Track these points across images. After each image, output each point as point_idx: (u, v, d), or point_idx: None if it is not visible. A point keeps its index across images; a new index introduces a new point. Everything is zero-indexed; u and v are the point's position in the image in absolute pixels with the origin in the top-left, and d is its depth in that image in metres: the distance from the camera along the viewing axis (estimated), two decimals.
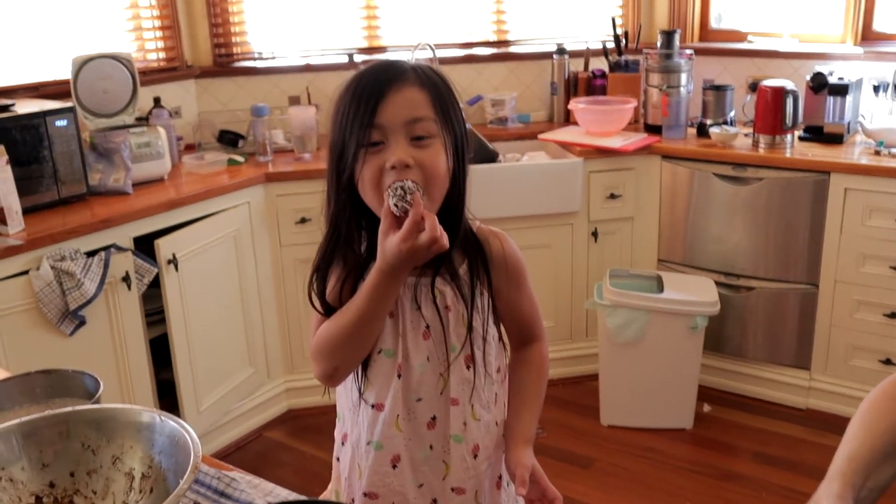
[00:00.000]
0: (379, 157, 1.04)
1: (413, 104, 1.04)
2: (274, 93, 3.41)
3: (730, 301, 3.02)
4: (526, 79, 3.62)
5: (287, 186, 2.89)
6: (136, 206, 2.50)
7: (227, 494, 1.16)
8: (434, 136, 1.05)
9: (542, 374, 1.24)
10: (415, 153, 1.03)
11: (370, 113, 1.03)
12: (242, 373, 2.92)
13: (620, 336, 2.82)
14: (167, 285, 2.53)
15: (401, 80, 1.05)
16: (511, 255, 1.18)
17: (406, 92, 1.04)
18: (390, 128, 1.03)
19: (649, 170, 3.11)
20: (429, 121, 1.05)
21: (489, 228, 1.19)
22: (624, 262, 3.20)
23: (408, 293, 1.13)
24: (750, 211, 2.93)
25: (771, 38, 3.45)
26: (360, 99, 1.05)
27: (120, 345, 2.44)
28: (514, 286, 1.18)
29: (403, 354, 1.14)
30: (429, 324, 1.13)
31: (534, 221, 3.09)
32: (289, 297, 3.02)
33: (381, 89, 1.04)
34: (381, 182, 1.04)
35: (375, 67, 1.08)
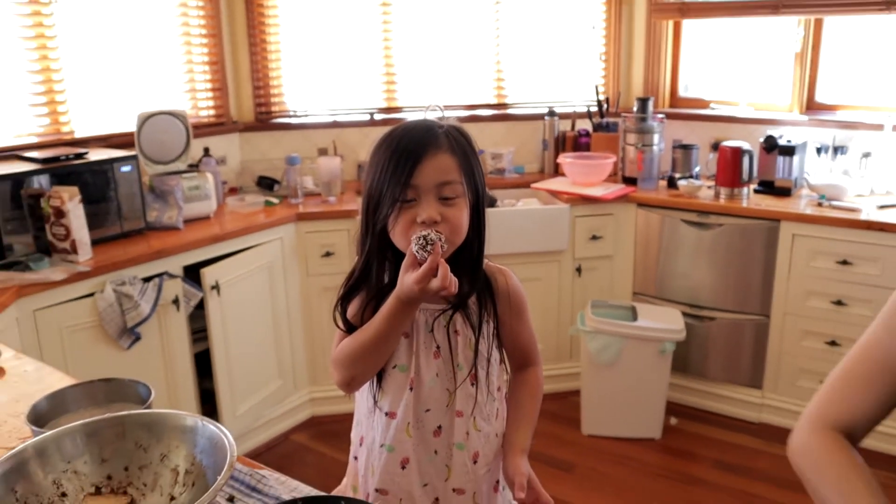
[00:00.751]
0: (411, 211, 1.05)
1: (444, 169, 1.04)
2: (305, 145, 3.43)
3: (694, 329, 3.01)
4: (522, 136, 3.63)
5: (314, 225, 2.90)
6: (186, 239, 2.52)
7: (258, 489, 1.15)
8: (459, 196, 1.06)
9: (537, 394, 1.24)
10: (442, 210, 1.04)
11: (407, 174, 1.03)
12: (273, 384, 2.91)
13: (600, 358, 2.82)
14: (210, 308, 2.53)
15: (435, 146, 1.05)
16: (514, 290, 1.17)
17: (439, 158, 1.05)
18: (423, 188, 1.04)
19: (626, 215, 3.11)
20: (456, 184, 1.05)
21: (496, 266, 1.19)
22: (604, 294, 3.19)
23: (423, 317, 1.14)
24: (712, 252, 2.94)
25: (730, 105, 3.46)
26: (399, 159, 1.04)
27: (169, 358, 2.44)
28: (515, 317, 1.18)
29: (416, 370, 1.14)
30: (439, 345, 1.13)
31: (526, 258, 3.09)
32: (314, 320, 3.01)
33: (418, 153, 1.04)
34: (410, 231, 1.05)
35: (413, 130, 1.08)
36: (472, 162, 1.08)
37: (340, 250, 2.93)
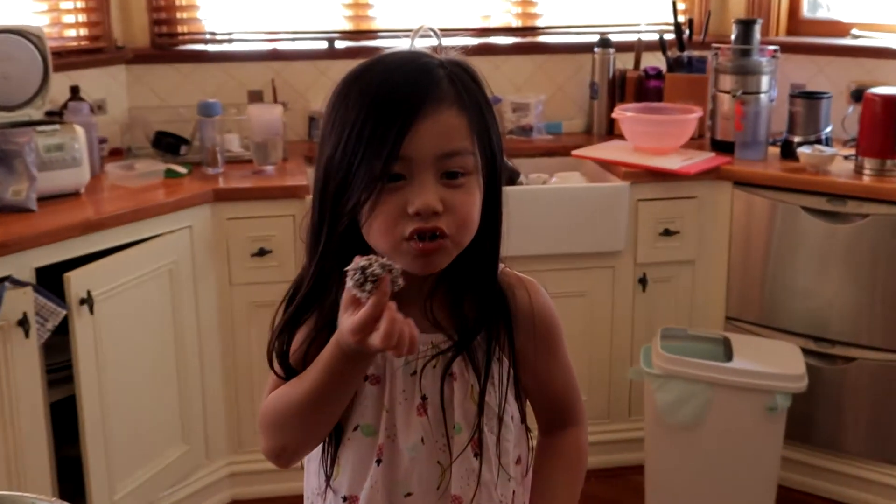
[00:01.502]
0: (399, 195, 1.05)
1: (450, 133, 1.06)
2: (229, 86, 3.41)
3: (821, 375, 2.99)
4: (558, 77, 3.62)
5: (242, 208, 2.90)
6: (41, 227, 2.49)
7: None
8: (470, 172, 1.07)
9: (577, 469, 1.26)
10: (446, 195, 1.05)
11: (394, 142, 1.03)
12: (173, 451, 2.89)
13: (673, 416, 2.80)
14: (78, 332, 2.51)
15: (436, 97, 1.06)
16: (542, 311, 1.19)
17: (443, 117, 1.05)
18: (419, 162, 1.04)
19: (717, 199, 3.10)
20: (466, 154, 1.07)
21: (516, 274, 1.21)
22: (681, 319, 3.17)
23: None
24: (850, 257, 2.92)
25: (883, 32, 3.45)
26: (381, 117, 1.04)
27: (10, 409, 2.41)
28: (544, 353, 1.20)
29: (388, 434, 1.15)
30: (426, 396, 1.14)
31: (563, 262, 3.07)
32: (239, 353, 2.99)
33: (411, 109, 1.04)
34: (397, 227, 1.05)
35: (400, 69, 1.08)
36: (487, 120, 1.10)
37: (281, 246, 2.92)
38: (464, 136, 1.07)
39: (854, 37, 3.50)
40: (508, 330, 1.16)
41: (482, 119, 1.10)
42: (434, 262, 1.08)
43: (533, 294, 1.19)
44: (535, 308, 1.18)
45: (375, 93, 1.06)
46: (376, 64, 1.10)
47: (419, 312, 1.12)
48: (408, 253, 1.07)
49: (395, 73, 1.08)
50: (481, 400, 1.14)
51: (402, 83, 1.06)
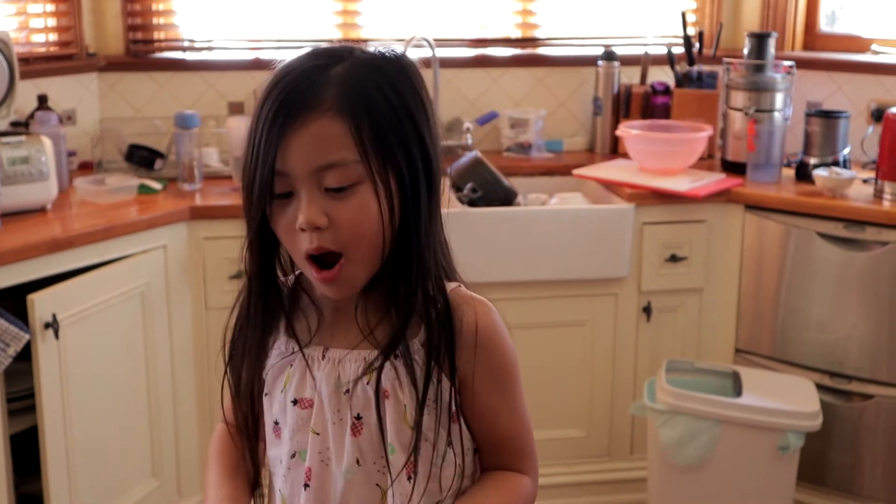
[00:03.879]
0: (289, 210, 1.10)
1: (323, 144, 1.08)
2: (208, 96, 3.42)
3: (837, 413, 2.99)
4: (559, 92, 3.63)
5: (220, 226, 2.90)
6: (4, 245, 2.49)
7: None
8: (357, 182, 1.09)
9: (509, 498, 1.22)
10: (332, 208, 1.09)
11: (270, 159, 1.08)
12: (142, 487, 2.88)
13: (679, 455, 2.80)
14: (42, 358, 2.50)
15: (307, 108, 1.07)
16: (487, 334, 1.17)
17: (314, 127, 1.07)
18: (295, 177, 1.08)
19: (727, 224, 3.11)
20: (348, 165, 1.08)
21: (469, 294, 1.21)
22: (688, 350, 3.18)
23: (333, 370, 1.17)
24: (869, 287, 2.92)
25: None
26: (266, 127, 1.09)
27: None
28: (486, 382, 1.18)
29: (321, 458, 1.18)
30: (360, 414, 1.16)
31: (563, 289, 3.07)
32: (215, 382, 2.96)
33: (282, 124, 1.07)
34: (295, 244, 1.11)
35: (287, 73, 1.11)
36: (388, 120, 1.10)
37: None
38: (342, 146, 1.08)
39: (874, 52, 3.51)
40: (450, 350, 1.15)
41: (379, 122, 1.09)
42: (340, 288, 1.13)
43: (481, 315, 1.17)
44: (480, 330, 1.16)
45: (262, 103, 1.10)
46: (281, 69, 1.12)
47: (353, 325, 1.17)
48: (313, 277, 1.13)
49: (281, 79, 1.10)
50: (417, 421, 1.14)
51: (279, 93, 1.09)
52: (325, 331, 1.20)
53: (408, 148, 1.11)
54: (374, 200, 1.09)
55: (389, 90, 1.11)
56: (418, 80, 1.14)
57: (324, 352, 1.19)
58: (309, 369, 1.19)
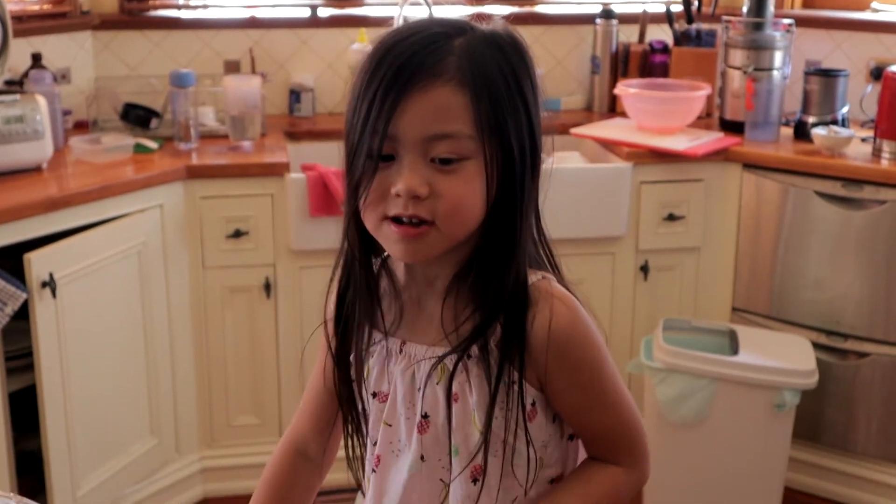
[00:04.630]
0: (386, 175, 1.07)
1: (440, 114, 1.05)
2: (204, 55, 3.41)
3: (833, 371, 3.01)
4: (557, 51, 3.62)
5: (217, 185, 2.90)
6: (0, 204, 2.48)
7: None
8: (466, 157, 1.06)
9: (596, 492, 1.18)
10: (435, 179, 1.06)
11: (384, 120, 1.04)
12: (141, 445, 2.90)
13: (675, 413, 2.81)
14: (39, 317, 2.50)
15: (430, 74, 1.05)
16: (559, 335, 1.11)
17: (434, 95, 1.05)
18: (404, 143, 1.05)
19: (725, 183, 3.11)
20: (461, 138, 1.05)
21: (549, 290, 1.13)
22: (685, 309, 3.19)
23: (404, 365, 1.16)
24: (866, 245, 2.93)
25: None
26: (377, 91, 1.05)
27: None
28: (565, 382, 1.14)
29: (392, 448, 1.19)
30: (428, 413, 1.15)
31: (560, 248, 2.99)
32: (212, 341, 3.00)
33: (402, 84, 1.04)
34: (379, 206, 1.07)
35: (409, 38, 1.07)
36: (505, 99, 1.08)
37: (259, 228, 2.93)
38: (459, 118, 1.05)
39: (874, 10, 3.49)
40: (520, 351, 1.11)
41: (497, 98, 1.07)
42: (416, 249, 1.08)
43: (556, 315, 1.11)
44: (553, 332, 1.10)
45: (377, 64, 1.06)
46: (395, 32, 1.09)
47: (434, 321, 1.14)
48: (388, 237, 1.09)
49: (398, 44, 1.07)
50: (486, 426, 1.12)
51: (398, 56, 1.06)
52: (406, 323, 1.18)
53: (519, 130, 1.09)
54: (479, 178, 1.07)
55: (508, 70, 1.09)
56: (532, 63, 1.13)
57: (402, 345, 1.17)
58: (387, 361, 1.18)
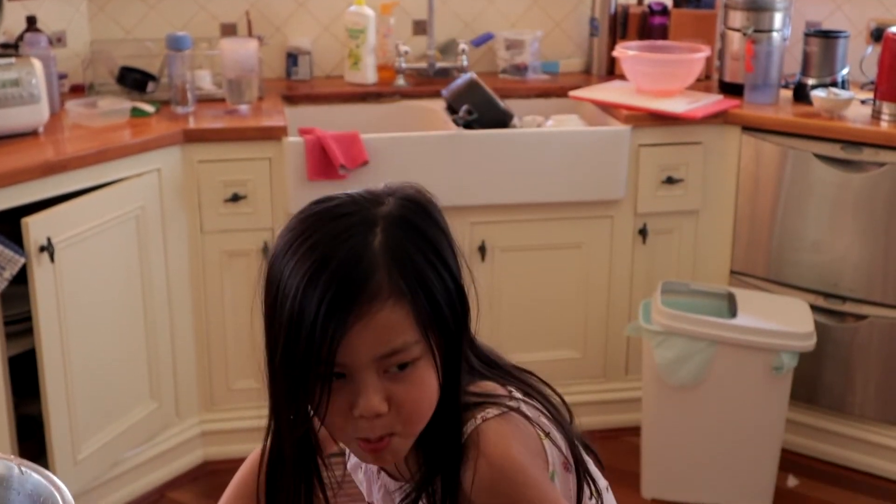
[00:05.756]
0: (342, 395, 1.05)
1: (386, 334, 1.03)
2: (200, 18, 3.40)
3: (830, 333, 3.02)
4: (555, 13, 3.61)
5: (214, 150, 2.89)
6: None
7: None
8: (419, 357, 1.06)
9: None
10: (392, 390, 1.05)
11: (328, 354, 1.02)
12: (141, 409, 2.92)
13: (673, 376, 2.83)
14: (38, 282, 2.51)
15: (366, 299, 1.02)
16: (482, 494, 1.11)
17: (375, 320, 1.03)
18: (354, 366, 1.04)
19: (724, 145, 3.11)
20: (409, 347, 1.05)
21: (479, 440, 1.12)
22: (683, 272, 3.20)
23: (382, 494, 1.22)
24: (865, 208, 2.94)
25: None
26: (314, 321, 1.02)
27: None
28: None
29: None
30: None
31: (558, 211, 3.09)
32: (211, 305, 3.01)
33: (342, 318, 1.01)
34: (345, 426, 1.07)
35: (332, 257, 1.03)
36: (433, 281, 1.06)
37: (256, 192, 2.93)
38: (405, 329, 1.05)
39: None
40: (452, 495, 1.13)
41: (429, 288, 1.06)
42: (384, 458, 1.11)
43: (477, 477, 1.11)
44: (475, 492, 1.11)
45: (305, 290, 1.03)
46: (308, 242, 1.06)
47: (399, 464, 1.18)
48: (355, 450, 1.12)
49: (327, 261, 1.03)
50: None
51: (329, 284, 1.02)
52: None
53: (450, 298, 1.08)
54: (431, 371, 1.08)
55: (430, 251, 1.07)
56: (442, 218, 1.11)
57: (378, 472, 1.22)
58: (371, 480, 1.24)
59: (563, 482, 1.19)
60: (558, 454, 1.19)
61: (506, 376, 1.21)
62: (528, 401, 1.19)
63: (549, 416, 1.20)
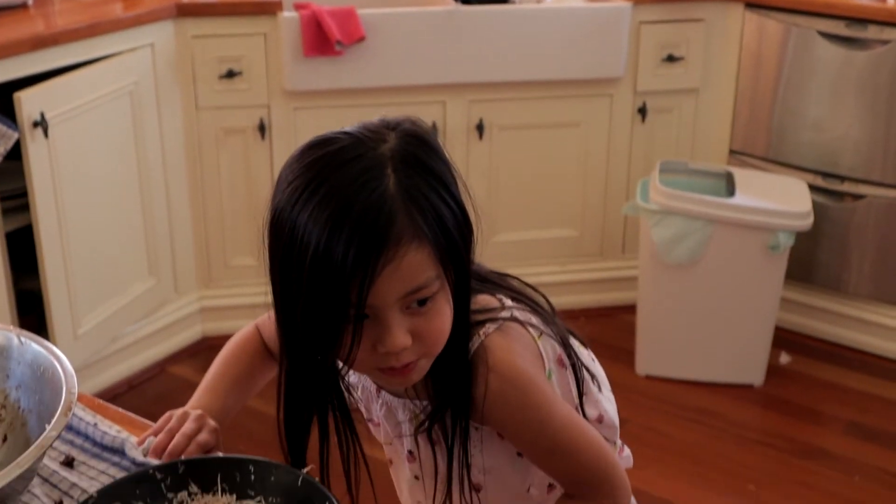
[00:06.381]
0: (368, 333, 1.07)
1: (411, 273, 1.05)
2: None
3: (828, 213, 3.03)
4: None
5: (208, 24, 2.87)
6: None
7: (112, 448, 1.16)
8: (438, 290, 1.08)
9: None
10: (414, 324, 1.08)
11: (358, 299, 1.03)
12: (140, 284, 2.94)
13: (670, 254, 2.84)
14: (32, 157, 2.50)
15: (392, 245, 1.03)
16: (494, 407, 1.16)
17: (401, 262, 1.03)
18: (382, 307, 1.06)
19: (726, 23, 3.08)
20: (432, 282, 1.07)
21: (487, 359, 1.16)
22: (682, 151, 3.19)
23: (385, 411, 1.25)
24: (868, 86, 2.91)
25: None
26: (336, 275, 1.02)
27: None
28: (516, 440, 1.22)
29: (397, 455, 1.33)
30: (411, 450, 1.26)
31: (557, 89, 3.06)
32: (207, 182, 3.01)
33: (368, 267, 1.02)
34: (368, 361, 1.09)
35: (350, 208, 1.02)
36: (445, 213, 1.07)
37: (252, 68, 2.91)
38: (426, 267, 1.06)
39: None
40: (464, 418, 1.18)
41: (443, 222, 1.07)
42: (408, 381, 1.14)
43: (489, 391, 1.16)
44: (487, 406, 1.16)
45: (325, 245, 1.02)
46: (322, 194, 1.04)
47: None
48: (380, 377, 1.14)
49: (343, 217, 1.02)
50: (449, 470, 1.20)
51: (353, 234, 1.02)
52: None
53: (462, 233, 1.10)
54: (447, 299, 1.10)
55: (439, 185, 1.08)
56: (441, 147, 1.11)
57: (378, 391, 1.24)
58: (370, 398, 1.26)
59: (559, 378, 1.24)
60: (552, 351, 1.23)
61: (493, 286, 1.25)
62: (518, 305, 1.23)
63: (538, 316, 1.24)
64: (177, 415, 1.20)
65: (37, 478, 1.10)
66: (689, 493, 2.53)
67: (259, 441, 2.04)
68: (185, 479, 1.06)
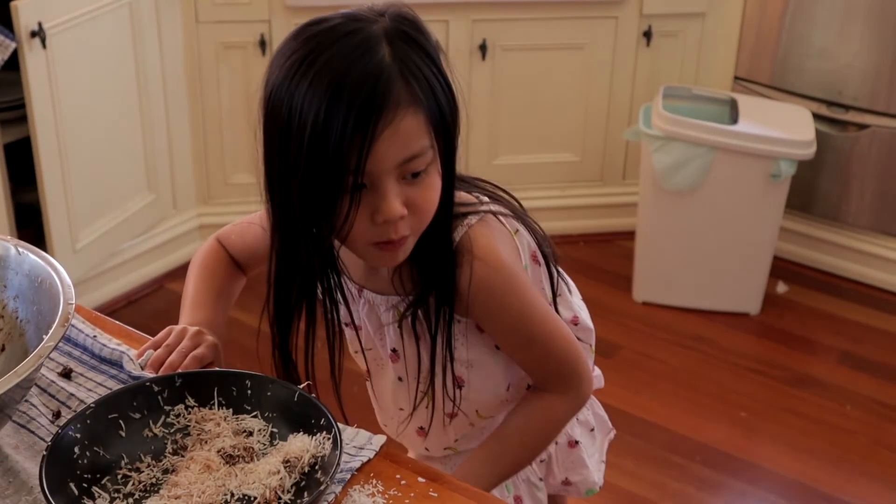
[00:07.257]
0: (365, 204, 1.09)
1: (407, 139, 1.08)
2: None
3: (831, 142, 3.01)
4: None
5: None
6: None
7: (110, 360, 1.16)
8: (431, 162, 1.11)
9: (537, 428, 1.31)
10: (409, 194, 1.10)
11: (357, 163, 1.05)
12: (138, 200, 2.94)
13: (671, 181, 2.84)
14: (30, 67, 2.48)
15: (388, 107, 1.05)
16: (479, 294, 1.21)
17: (398, 127, 1.06)
18: (379, 174, 1.08)
19: None
20: (425, 151, 1.10)
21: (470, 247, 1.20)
22: (686, 77, 3.18)
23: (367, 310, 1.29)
24: (876, 13, 2.89)
25: None
26: (334, 135, 1.04)
27: None
28: (495, 329, 1.26)
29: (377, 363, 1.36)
30: (395, 348, 1.30)
31: (560, 10, 3.04)
32: (207, 98, 3.00)
33: (368, 127, 1.04)
34: (364, 234, 1.11)
35: (349, 71, 1.05)
36: (438, 88, 1.11)
37: None
38: (421, 135, 1.09)
39: None
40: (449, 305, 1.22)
41: (433, 95, 1.10)
42: (398, 257, 1.15)
43: (475, 277, 1.20)
44: (473, 292, 1.20)
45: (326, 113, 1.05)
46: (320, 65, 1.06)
47: (384, 278, 1.24)
48: (375, 254, 1.14)
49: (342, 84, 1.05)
50: (432, 361, 1.25)
51: (353, 98, 1.05)
52: (358, 272, 1.27)
53: (452, 110, 1.13)
54: (438, 177, 1.13)
55: (430, 61, 1.11)
56: (430, 32, 1.14)
57: (360, 290, 1.27)
58: (350, 301, 1.28)
59: (534, 274, 1.30)
60: (528, 247, 1.29)
61: (469, 185, 1.28)
62: (495, 204, 1.27)
63: (513, 215, 1.28)
64: (176, 331, 1.22)
65: (35, 388, 1.11)
66: (681, 419, 2.56)
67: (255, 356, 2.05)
68: (182, 392, 1.07)
